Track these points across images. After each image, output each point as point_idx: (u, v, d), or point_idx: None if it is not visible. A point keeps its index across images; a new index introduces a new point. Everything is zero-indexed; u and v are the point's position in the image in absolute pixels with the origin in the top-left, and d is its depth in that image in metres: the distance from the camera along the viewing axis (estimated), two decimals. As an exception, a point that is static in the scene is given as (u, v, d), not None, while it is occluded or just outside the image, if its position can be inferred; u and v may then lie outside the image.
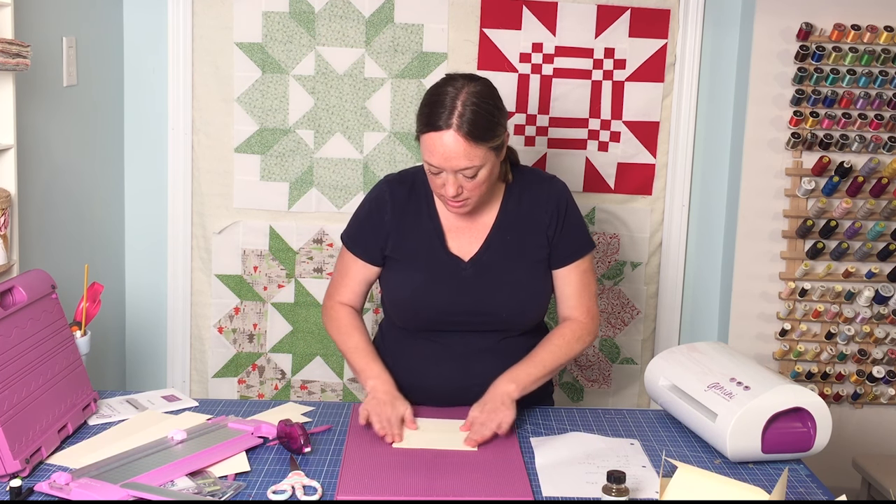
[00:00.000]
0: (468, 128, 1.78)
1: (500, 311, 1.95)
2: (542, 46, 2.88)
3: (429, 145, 1.82)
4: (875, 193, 2.83)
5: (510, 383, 1.86)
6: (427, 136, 1.82)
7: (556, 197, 1.99)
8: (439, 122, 1.79)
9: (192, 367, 3.02)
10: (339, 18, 2.84)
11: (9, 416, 1.55)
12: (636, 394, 3.09)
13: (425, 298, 1.95)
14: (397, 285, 1.99)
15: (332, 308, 2.05)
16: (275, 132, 2.89)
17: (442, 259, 1.95)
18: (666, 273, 3.03)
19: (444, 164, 1.81)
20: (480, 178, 1.84)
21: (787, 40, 2.82)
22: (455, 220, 1.98)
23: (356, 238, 2.02)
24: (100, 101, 2.76)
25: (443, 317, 1.95)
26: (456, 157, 1.79)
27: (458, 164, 1.80)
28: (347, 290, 2.05)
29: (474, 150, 1.80)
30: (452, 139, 1.78)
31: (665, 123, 2.95)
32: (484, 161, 1.82)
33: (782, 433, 1.70)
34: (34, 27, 2.28)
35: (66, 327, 1.82)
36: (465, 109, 1.79)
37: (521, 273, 1.96)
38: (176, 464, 1.58)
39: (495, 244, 1.96)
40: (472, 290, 1.94)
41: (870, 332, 2.91)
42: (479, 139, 1.79)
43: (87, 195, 2.68)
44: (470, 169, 1.81)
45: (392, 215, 1.98)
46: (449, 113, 1.79)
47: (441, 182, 1.85)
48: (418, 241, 1.97)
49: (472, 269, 1.95)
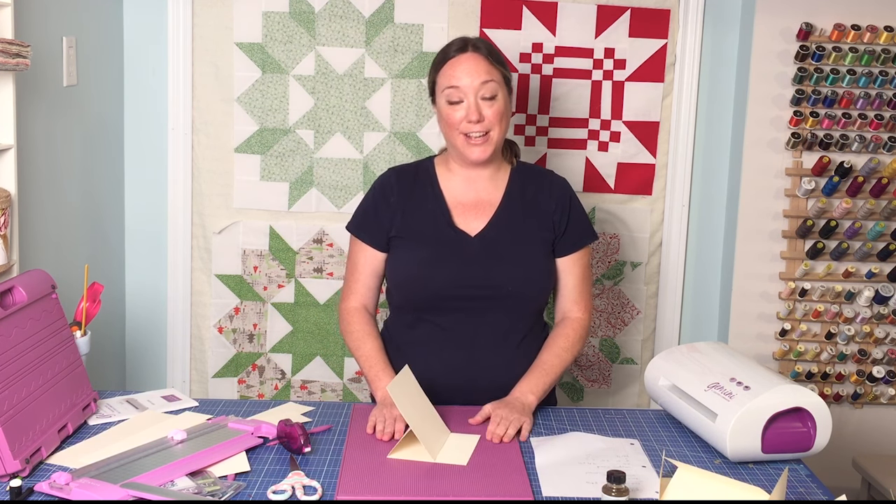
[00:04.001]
0: (484, 49, 1.98)
1: (506, 284, 1.97)
2: (542, 46, 2.88)
3: (448, 72, 1.96)
4: (875, 193, 2.83)
5: (530, 394, 1.89)
6: (445, 67, 1.98)
7: (559, 186, 2.08)
8: (455, 50, 1.98)
9: (192, 367, 3.02)
10: (339, 18, 2.84)
11: (9, 416, 1.55)
12: (636, 394, 3.09)
13: (432, 272, 1.97)
14: (404, 262, 2.01)
15: (345, 312, 2.08)
16: (275, 132, 2.89)
17: (449, 235, 1.99)
18: (666, 273, 3.03)
19: (466, 81, 1.93)
20: (499, 105, 1.95)
21: (787, 40, 2.82)
22: (461, 199, 2.02)
23: (362, 224, 2.06)
24: (100, 101, 2.76)
25: (449, 291, 1.97)
26: (477, 72, 1.94)
27: (480, 79, 1.94)
28: (359, 286, 2.07)
29: (492, 69, 1.96)
30: (471, 58, 1.96)
31: (665, 123, 2.95)
32: (500, 87, 1.96)
33: (782, 433, 1.70)
34: (34, 27, 2.28)
35: (66, 327, 1.82)
36: (476, 41, 2.01)
37: (527, 249, 2.01)
38: (176, 464, 1.58)
39: (502, 222, 2.01)
40: (478, 263, 1.97)
41: (870, 332, 2.91)
42: (495, 60, 1.98)
43: (87, 195, 2.68)
44: (490, 84, 1.94)
45: (398, 196, 2.03)
46: (463, 43, 1.99)
47: (461, 115, 1.94)
48: (424, 220, 2.01)
49: (478, 243, 1.99)
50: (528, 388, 1.91)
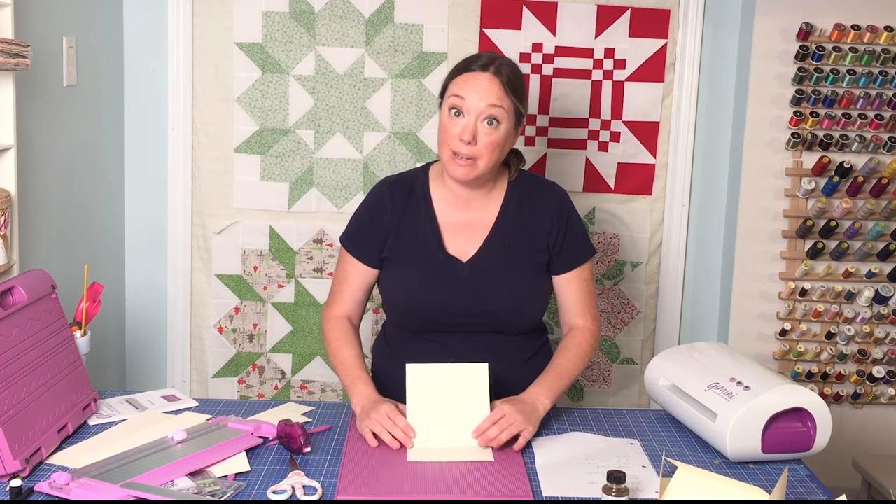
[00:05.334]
0: (506, 78, 1.87)
1: (498, 312, 1.95)
2: (542, 46, 2.88)
3: (462, 82, 1.88)
4: (875, 193, 2.83)
5: (543, 397, 1.83)
6: (461, 76, 1.89)
7: (557, 204, 2.00)
8: (479, 66, 1.88)
9: (192, 367, 3.02)
10: (339, 18, 2.84)
11: (9, 416, 1.55)
12: (636, 394, 3.09)
13: (423, 299, 1.94)
14: (395, 286, 1.98)
15: (327, 321, 2.03)
16: (275, 132, 2.89)
17: (440, 260, 1.95)
18: (666, 273, 3.03)
19: (473, 96, 1.85)
20: (497, 136, 1.86)
21: (787, 40, 2.82)
22: (453, 221, 1.97)
23: (356, 240, 2.01)
24: (100, 101, 2.76)
25: (440, 317, 1.95)
26: (488, 94, 1.85)
27: (488, 101, 1.85)
28: (346, 297, 2.02)
29: (505, 99, 1.87)
30: (489, 80, 1.86)
31: (665, 123, 2.95)
32: (507, 117, 1.87)
33: (782, 433, 1.70)
34: (34, 27, 2.28)
35: (66, 327, 1.82)
36: (504, 66, 1.89)
37: (519, 275, 1.96)
38: (176, 464, 1.58)
39: (494, 246, 1.96)
40: (469, 290, 1.93)
41: (870, 332, 2.91)
42: (512, 91, 1.87)
43: (87, 195, 2.68)
44: (497, 111, 1.85)
45: (391, 216, 1.97)
46: (488, 62, 1.88)
47: (458, 128, 1.86)
48: (416, 242, 1.96)
49: (469, 269, 1.95)
50: (542, 392, 1.85)
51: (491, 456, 1.69)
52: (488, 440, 1.71)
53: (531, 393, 1.84)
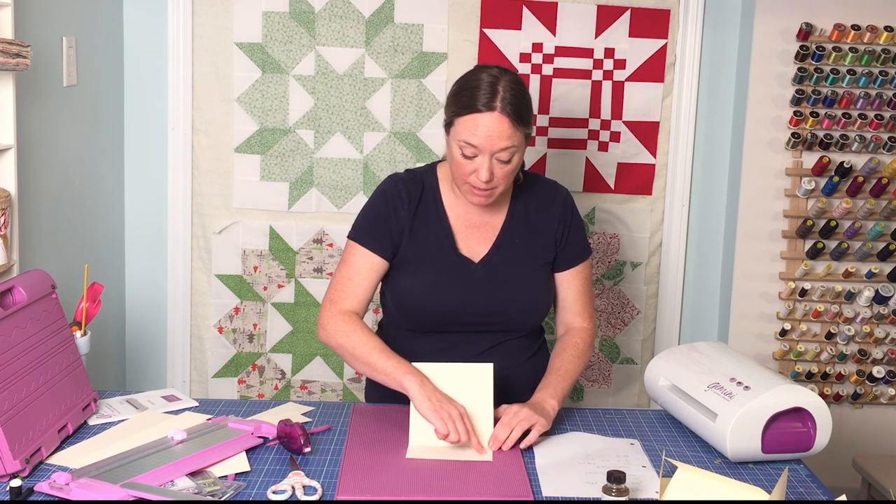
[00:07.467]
0: (511, 109, 1.81)
1: (510, 311, 1.96)
2: (542, 46, 2.88)
3: (469, 126, 1.82)
4: (875, 193, 2.83)
5: (551, 399, 1.84)
6: (467, 117, 1.82)
7: (562, 201, 2.03)
8: (483, 104, 1.81)
9: (192, 367, 3.02)
10: (339, 18, 2.84)
11: (9, 416, 1.55)
12: (636, 394, 3.09)
13: (439, 299, 1.94)
14: (410, 287, 1.96)
15: (335, 316, 1.92)
16: (275, 132, 2.89)
17: (452, 261, 1.95)
18: (666, 273, 3.03)
19: (485, 143, 1.81)
20: (513, 164, 1.85)
21: (787, 40, 2.82)
22: (464, 222, 1.98)
23: (370, 231, 1.95)
24: (100, 101, 2.76)
25: (453, 318, 1.95)
26: (499, 137, 1.81)
27: (499, 145, 1.81)
28: (356, 292, 1.94)
29: (515, 133, 1.82)
30: (496, 120, 1.80)
31: (665, 123, 2.95)
32: (519, 146, 1.85)
33: (782, 433, 1.70)
34: (34, 27, 2.28)
35: (66, 327, 1.82)
36: (507, 94, 1.81)
37: (530, 274, 1.97)
38: (176, 464, 1.58)
39: (505, 245, 1.97)
40: (482, 290, 1.94)
41: (870, 332, 2.91)
42: (520, 122, 1.83)
43: (87, 195, 2.68)
44: (508, 150, 1.82)
45: (407, 212, 1.95)
46: (492, 95, 1.81)
47: (472, 168, 1.84)
48: (428, 243, 1.96)
49: (482, 270, 1.95)
50: (549, 394, 1.85)
51: (490, 456, 1.69)
52: (499, 442, 1.71)
53: (537, 397, 1.85)
